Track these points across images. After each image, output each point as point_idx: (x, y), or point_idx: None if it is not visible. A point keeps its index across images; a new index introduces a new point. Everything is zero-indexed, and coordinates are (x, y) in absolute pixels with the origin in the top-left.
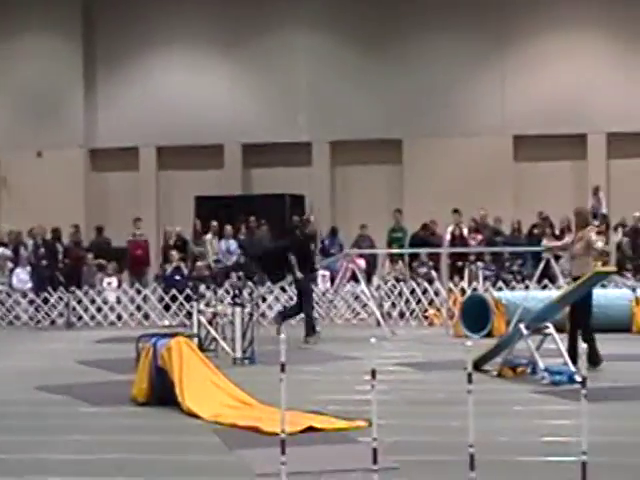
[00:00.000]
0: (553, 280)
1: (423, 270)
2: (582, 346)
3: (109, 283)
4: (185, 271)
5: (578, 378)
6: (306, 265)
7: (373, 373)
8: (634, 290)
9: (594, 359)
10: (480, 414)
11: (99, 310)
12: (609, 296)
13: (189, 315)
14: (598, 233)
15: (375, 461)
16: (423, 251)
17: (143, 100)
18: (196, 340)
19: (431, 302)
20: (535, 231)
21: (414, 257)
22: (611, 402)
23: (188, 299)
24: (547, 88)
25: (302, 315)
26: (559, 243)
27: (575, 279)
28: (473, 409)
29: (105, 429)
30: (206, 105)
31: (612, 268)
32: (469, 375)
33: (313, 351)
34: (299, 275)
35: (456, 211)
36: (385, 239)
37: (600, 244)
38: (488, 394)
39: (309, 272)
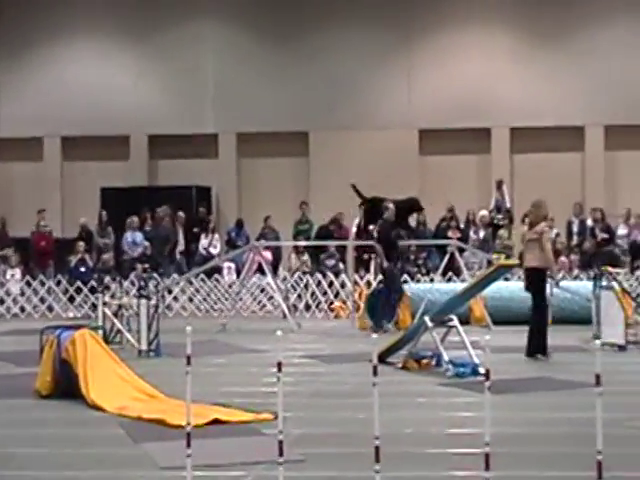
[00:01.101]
0: (458, 273)
1: (331, 262)
2: (485, 337)
3: (12, 275)
4: (90, 263)
5: (482, 370)
6: (392, 254)
7: (279, 365)
8: None
9: (537, 352)
10: (385, 406)
11: (2, 302)
12: (512, 288)
13: (94, 307)
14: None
15: (281, 453)
16: (329, 243)
17: (48, 90)
18: (101, 332)
19: (337, 294)
20: (442, 224)
21: (321, 249)
22: (513, 394)
23: (93, 291)
24: (452, 82)
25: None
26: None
27: (527, 270)
28: (378, 401)
29: (8, 422)
30: (112, 96)
31: (515, 261)
32: (374, 367)
33: (219, 343)
34: (386, 264)
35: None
36: (291, 231)
37: (549, 236)
38: (393, 386)
39: (396, 260)
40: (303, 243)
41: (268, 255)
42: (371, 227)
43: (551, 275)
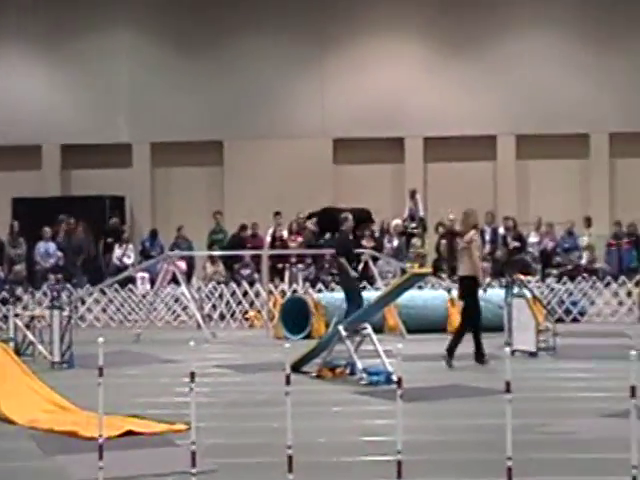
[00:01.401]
0: (372, 282)
1: (247, 272)
2: (398, 346)
3: None
4: (1, 274)
5: (395, 378)
6: (352, 265)
7: (192, 376)
8: (449, 291)
9: (481, 357)
10: (299, 415)
11: None
12: (425, 297)
13: (5, 319)
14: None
15: (194, 464)
16: (244, 253)
17: None
18: (12, 344)
19: (252, 304)
20: (357, 233)
21: (235, 259)
22: (426, 401)
23: (4, 302)
24: (367, 92)
25: None
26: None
27: (462, 279)
28: (292, 410)
29: None
30: (23, 105)
31: (428, 270)
32: (287, 377)
33: (133, 354)
34: (353, 274)
35: (277, 213)
36: (206, 241)
37: (478, 245)
38: (307, 395)
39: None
40: (218, 253)
41: (182, 265)
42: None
43: (480, 283)
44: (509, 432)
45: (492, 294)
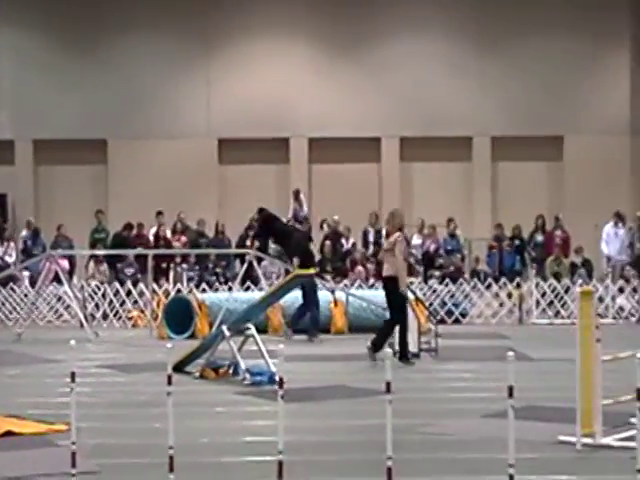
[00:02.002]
0: (256, 282)
1: (130, 271)
2: (279, 346)
3: None
4: None
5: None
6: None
7: (72, 376)
8: (333, 292)
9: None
10: (182, 416)
11: None
12: None
13: None
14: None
15: (74, 465)
16: (127, 252)
17: None
18: None
19: (135, 303)
20: (242, 234)
21: (119, 258)
22: (310, 402)
23: None
24: (252, 92)
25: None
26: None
27: (385, 279)
28: (174, 411)
29: None
30: None
31: (312, 271)
32: (169, 377)
33: (15, 353)
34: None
35: (160, 213)
36: (88, 239)
37: (402, 247)
38: (190, 396)
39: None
40: (101, 252)
41: (65, 264)
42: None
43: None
44: (389, 432)
45: (376, 295)
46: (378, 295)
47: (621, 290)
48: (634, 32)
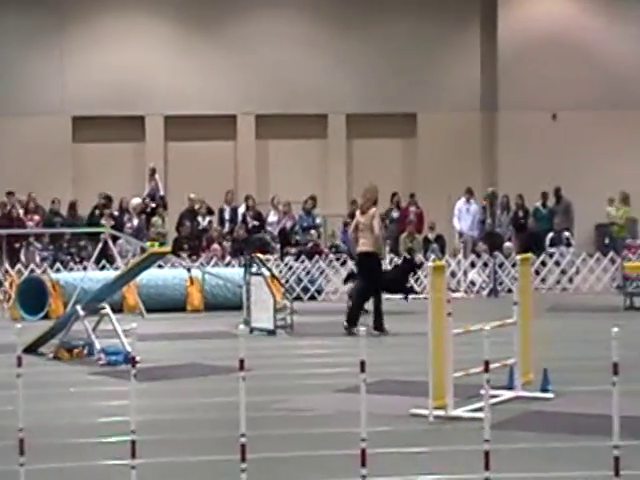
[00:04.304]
0: (111, 261)
1: None
2: (132, 325)
3: None
4: None
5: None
6: None
7: None
8: (189, 270)
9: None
10: (36, 397)
11: None
12: (165, 276)
13: None
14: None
15: None
16: None
17: None
18: None
19: None
20: (96, 212)
21: None
22: (164, 380)
23: None
24: (108, 69)
25: None
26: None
27: (360, 255)
28: (28, 392)
29: None
30: None
31: (167, 249)
32: (19, 358)
33: None
34: None
35: (10, 193)
36: None
37: (379, 221)
38: (44, 377)
39: None
40: None
41: None
42: None
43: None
44: (242, 409)
45: (233, 273)
46: (235, 273)
47: (473, 265)
48: (484, 12)
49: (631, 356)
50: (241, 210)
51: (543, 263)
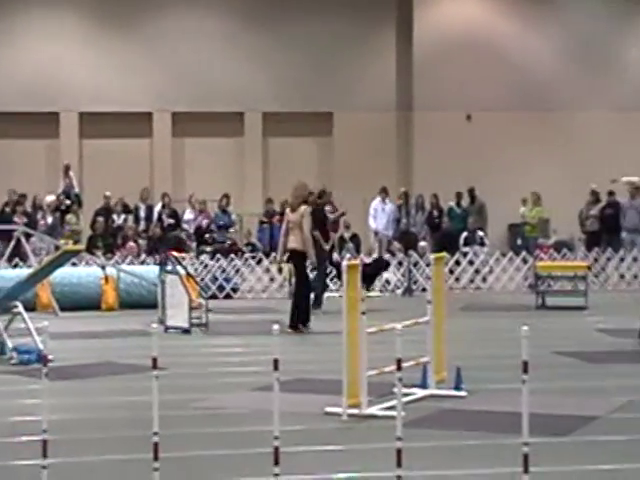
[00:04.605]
0: (24, 259)
1: None
2: (44, 323)
3: None
4: None
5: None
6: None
7: None
8: (104, 268)
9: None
10: None
11: None
12: (79, 274)
13: None
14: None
15: None
16: None
17: None
18: None
19: None
20: (6, 209)
21: None
22: (77, 379)
23: None
24: (20, 63)
25: None
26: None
27: (291, 252)
28: None
29: None
30: None
31: (81, 247)
32: None
33: None
34: (327, 247)
35: None
36: None
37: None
38: None
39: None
40: None
41: None
42: None
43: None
44: (155, 407)
45: (149, 271)
46: (150, 271)
47: (387, 264)
48: (400, 13)
49: (541, 354)
50: (157, 208)
51: (457, 262)
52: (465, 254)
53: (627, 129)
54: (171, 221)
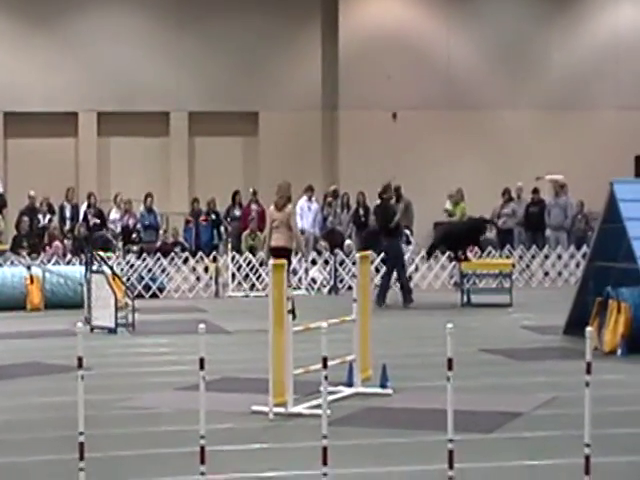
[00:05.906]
0: None
1: None
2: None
3: None
4: None
5: None
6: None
7: None
8: (29, 268)
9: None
10: None
11: None
12: (5, 274)
13: None
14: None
15: None
16: None
17: None
18: None
19: None
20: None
21: None
22: (1, 380)
23: None
24: None
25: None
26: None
27: (274, 250)
28: None
29: None
30: None
31: (5, 247)
32: None
33: None
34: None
35: None
36: None
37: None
38: None
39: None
40: None
41: None
42: None
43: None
44: (81, 407)
45: (74, 271)
46: (76, 271)
47: (314, 262)
48: (325, 11)
49: (467, 352)
50: (82, 208)
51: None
52: None
53: (551, 128)
54: (97, 221)
